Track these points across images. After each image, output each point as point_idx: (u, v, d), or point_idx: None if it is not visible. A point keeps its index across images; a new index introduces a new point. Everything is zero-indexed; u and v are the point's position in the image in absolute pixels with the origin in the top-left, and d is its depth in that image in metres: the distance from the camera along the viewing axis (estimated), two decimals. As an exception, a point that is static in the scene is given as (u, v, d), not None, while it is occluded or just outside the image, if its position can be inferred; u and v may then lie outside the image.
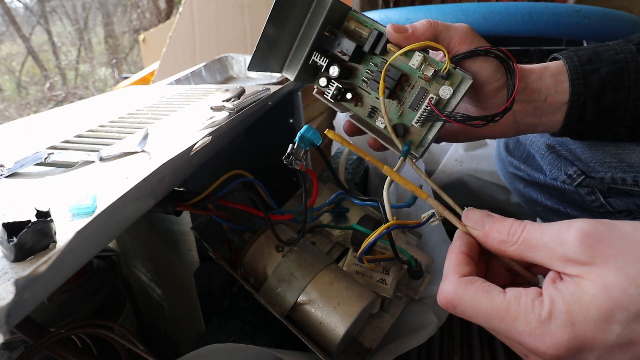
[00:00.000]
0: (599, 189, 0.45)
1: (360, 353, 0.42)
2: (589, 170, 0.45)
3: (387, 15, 0.94)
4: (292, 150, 0.35)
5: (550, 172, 0.48)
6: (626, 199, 0.44)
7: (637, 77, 0.37)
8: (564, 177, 0.47)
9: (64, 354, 0.34)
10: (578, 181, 0.46)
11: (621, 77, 0.37)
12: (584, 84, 0.37)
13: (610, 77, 0.37)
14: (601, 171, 0.44)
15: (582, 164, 0.45)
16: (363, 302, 0.37)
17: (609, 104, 0.38)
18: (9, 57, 4.15)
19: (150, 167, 0.26)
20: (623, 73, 0.37)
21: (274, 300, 0.38)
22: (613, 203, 0.45)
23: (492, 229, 0.28)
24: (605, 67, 0.37)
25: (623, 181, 0.43)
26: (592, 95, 0.37)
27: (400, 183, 0.31)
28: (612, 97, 0.37)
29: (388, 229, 0.33)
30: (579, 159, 0.45)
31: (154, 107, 0.50)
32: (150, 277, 0.49)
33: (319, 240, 0.50)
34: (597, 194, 0.45)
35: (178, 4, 3.76)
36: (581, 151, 0.45)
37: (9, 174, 0.30)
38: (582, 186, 0.46)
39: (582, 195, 0.46)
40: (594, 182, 0.45)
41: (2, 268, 0.19)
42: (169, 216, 0.40)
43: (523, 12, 0.82)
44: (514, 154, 0.55)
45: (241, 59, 1.14)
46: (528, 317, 0.23)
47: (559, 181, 0.48)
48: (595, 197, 0.45)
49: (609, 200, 0.45)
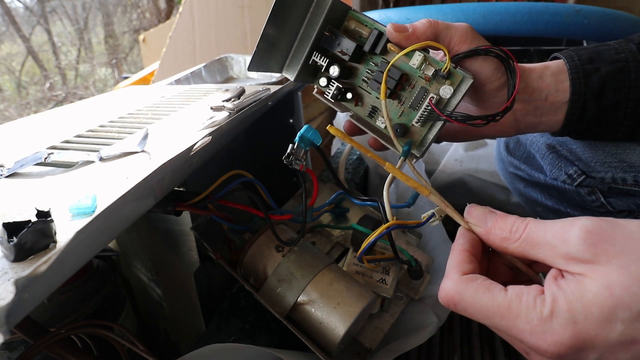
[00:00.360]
0: (599, 189, 0.45)
1: (360, 353, 0.42)
2: (590, 170, 0.45)
3: (387, 15, 0.94)
4: (292, 150, 0.35)
5: (550, 172, 0.48)
6: (626, 198, 0.44)
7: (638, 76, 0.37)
8: (564, 177, 0.47)
9: (64, 353, 0.34)
10: (578, 181, 0.46)
11: (621, 77, 0.37)
12: (584, 84, 0.37)
13: (611, 76, 0.37)
14: (602, 171, 0.44)
15: (583, 163, 0.45)
16: (363, 302, 0.37)
17: (609, 104, 0.38)
18: (9, 57, 4.15)
19: (150, 167, 0.26)
20: (623, 72, 0.37)
21: (274, 300, 0.38)
22: (613, 203, 0.45)
23: (495, 225, 0.28)
24: (605, 66, 0.37)
25: (623, 181, 0.43)
26: (592, 94, 0.37)
27: (402, 179, 0.31)
28: (612, 97, 0.37)
29: (388, 229, 0.33)
30: (580, 159, 0.45)
31: (154, 107, 0.50)
32: (150, 277, 0.49)
33: (319, 240, 0.50)
34: (597, 193, 0.45)
35: (178, 4, 3.76)
36: (582, 151, 0.45)
37: (9, 174, 0.30)
38: (582, 186, 0.46)
39: (583, 195, 0.46)
40: (594, 182, 0.45)
41: (2, 268, 0.19)
42: (169, 216, 0.40)
43: (523, 12, 0.82)
44: (515, 153, 0.55)
45: (241, 59, 1.14)
46: (529, 315, 0.23)
47: (560, 181, 0.48)
48: (596, 197, 0.45)
49: (609, 200, 0.45)
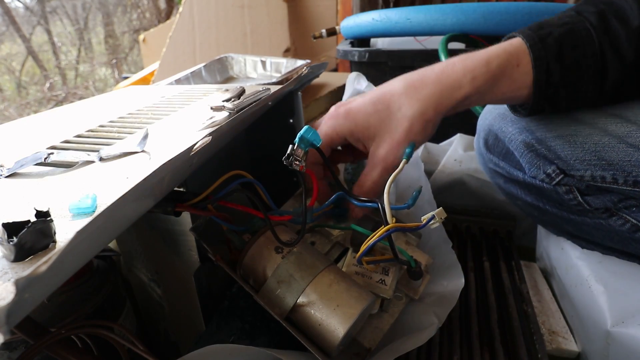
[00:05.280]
0: (576, 187, 0.46)
1: (359, 353, 0.42)
2: (569, 169, 0.45)
3: (387, 15, 0.94)
4: (292, 150, 0.35)
5: (529, 170, 0.49)
6: (603, 196, 0.45)
7: (587, 34, 0.40)
8: (542, 176, 0.47)
9: (64, 353, 0.34)
10: (557, 180, 0.46)
11: (573, 36, 0.40)
12: (542, 48, 0.40)
13: (564, 36, 0.40)
14: (581, 169, 0.44)
15: (562, 162, 0.46)
16: (362, 303, 0.37)
17: (570, 62, 0.40)
18: (9, 57, 4.14)
19: (150, 167, 0.26)
20: (574, 32, 0.40)
21: (274, 302, 0.38)
22: (590, 201, 0.46)
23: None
24: (556, 30, 0.40)
25: (602, 179, 0.43)
26: (553, 56, 0.40)
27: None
28: (571, 55, 0.40)
29: (388, 231, 0.33)
30: (559, 157, 0.46)
31: (154, 107, 0.50)
32: (150, 277, 0.49)
33: (318, 240, 0.50)
34: (574, 192, 0.46)
35: (178, 4, 3.76)
36: (561, 148, 0.45)
37: (9, 174, 0.30)
38: (560, 185, 0.46)
39: (560, 194, 0.47)
40: (573, 181, 0.46)
41: (2, 268, 0.19)
42: (169, 216, 0.40)
43: (523, 12, 0.82)
44: (493, 150, 0.56)
45: (241, 59, 1.14)
46: None
47: (538, 180, 0.48)
48: (573, 195, 0.46)
49: (586, 198, 0.46)
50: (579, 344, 0.54)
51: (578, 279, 0.53)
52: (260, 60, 1.11)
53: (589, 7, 0.41)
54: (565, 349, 0.54)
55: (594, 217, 0.47)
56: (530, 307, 0.58)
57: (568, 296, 0.57)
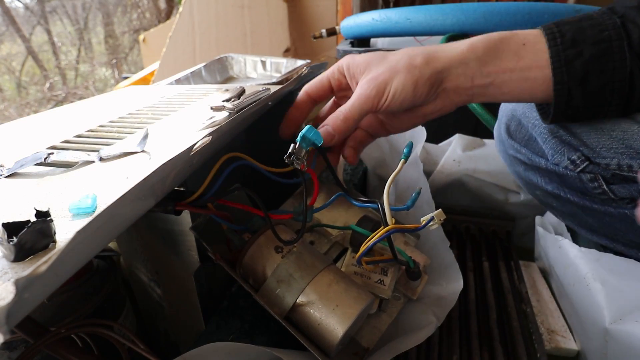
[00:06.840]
0: (602, 176, 0.44)
1: (358, 352, 0.42)
2: (594, 156, 0.44)
3: (387, 15, 0.94)
4: (294, 150, 0.35)
5: (552, 157, 0.47)
6: (629, 185, 0.43)
7: (622, 56, 0.37)
8: (566, 163, 0.46)
9: (64, 353, 0.34)
10: (581, 167, 0.45)
11: (605, 59, 0.37)
12: (566, 72, 0.38)
13: (594, 60, 0.37)
14: (607, 157, 0.43)
15: (587, 149, 0.44)
16: (361, 304, 0.37)
17: (594, 88, 0.38)
18: (9, 57, 4.14)
19: (150, 167, 0.26)
20: (607, 54, 0.37)
21: (273, 301, 0.38)
22: (615, 190, 0.44)
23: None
24: (589, 49, 0.37)
25: (629, 168, 0.42)
26: (576, 81, 0.38)
27: None
28: (597, 81, 0.38)
29: (388, 232, 0.33)
30: (584, 144, 0.44)
31: (154, 107, 0.50)
32: (150, 277, 0.49)
33: (317, 240, 0.50)
34: (600, 180, 0.44)
35: (178, 4, 3.76)
36: (586, 135, 0.44)
37: (8, 174, 0.30)
38: (585, 172, 0.45)
39: (585, 182, 0.45)
40: (598, 169, 0.44)
41: (2, 268, 0.20)
42: (169, 216, 0.40)
43: (523, 12, 0.82)
44: (515, 136, 0.54)
45: (241, 59, 1.14)
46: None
47: (561, 167, 0.46)
48: (598, 183, 0.44)
49: (611, 187, 0.44)
50: (578, 343, 0.54)
51: (576, 277, 0.53)
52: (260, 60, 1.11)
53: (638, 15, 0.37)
54: (564, 348, 0.54)
55: (618, 207, 0.45)
56: (529, 307, 0.59)
57: (566, 295, 0.57)
